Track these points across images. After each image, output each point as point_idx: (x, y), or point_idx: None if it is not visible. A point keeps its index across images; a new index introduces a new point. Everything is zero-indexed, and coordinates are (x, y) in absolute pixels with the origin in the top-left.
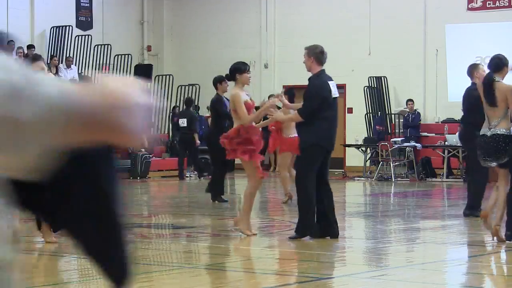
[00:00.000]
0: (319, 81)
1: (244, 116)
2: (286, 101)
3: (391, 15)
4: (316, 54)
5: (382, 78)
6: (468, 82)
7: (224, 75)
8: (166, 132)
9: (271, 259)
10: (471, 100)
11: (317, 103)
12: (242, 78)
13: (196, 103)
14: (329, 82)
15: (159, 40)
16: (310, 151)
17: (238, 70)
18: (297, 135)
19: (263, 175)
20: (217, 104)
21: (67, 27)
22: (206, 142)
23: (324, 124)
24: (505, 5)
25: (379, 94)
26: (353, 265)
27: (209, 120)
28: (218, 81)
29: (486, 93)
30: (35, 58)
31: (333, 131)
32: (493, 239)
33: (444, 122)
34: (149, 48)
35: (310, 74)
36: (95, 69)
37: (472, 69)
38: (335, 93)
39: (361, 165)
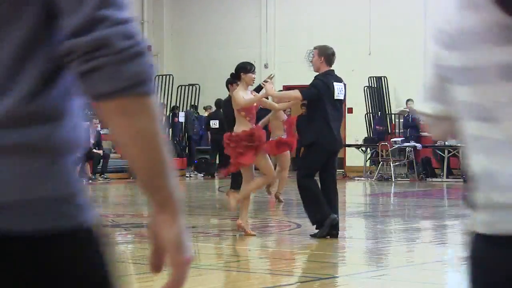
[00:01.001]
0: (326, 80)
1: (239, 100)
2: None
3: (391, 15)
4: (327, 55)
5: (382, 78)
6: None
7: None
8: (166, 132)
9: (270, 259)
10: None
11: (321, 93)
12: (247, 78)
13: (195, 103)
14: (335, 84)
15: (159, 40)
16: (310, 150)
17: (243, 70)
18: (280, 137)
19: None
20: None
21: None
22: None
23: (324, 124)
24: None
25: (379, 94)
26: (353, 265)
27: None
28: (229, 83)
29: None
30: None
31: (335, 133)
32: None
33: None
34: (149, 48)
35: (310, 75)
36: None
37: None
38: (338, 95)
39: (361, 165)
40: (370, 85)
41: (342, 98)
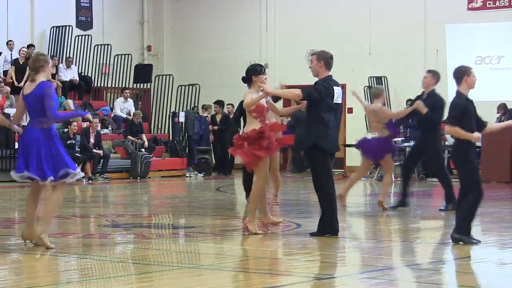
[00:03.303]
0: (327, 85)
1: (246, 101)
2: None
3: (391, 15)
4: (326, 59)
5: (382, 78)
6: None
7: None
8: (166, 132)
9: (271, 259)
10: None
11: (322, 98)
12: (258, 80)
13: (196, 103)
14: (335, 88)
15: (159, 40)
16: (311, 153)
17: (254, 72)
18: None
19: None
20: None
21: (67, 27)
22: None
23: (323, 127)
24: (505, 5)
25: None
26: (353, 265)
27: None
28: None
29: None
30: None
31: (334, 135)
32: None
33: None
34: (149, 48)
35: (310, 74)
36: (95, 69)
37: (463, 74)
38: (337, 98)
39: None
40: (370, 85)
41: (341, 101)
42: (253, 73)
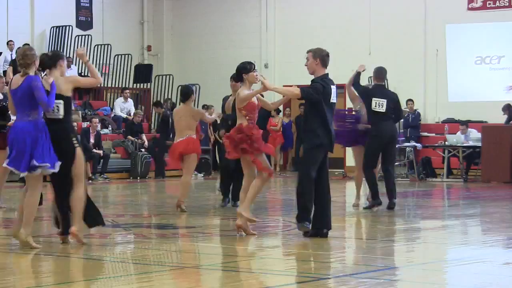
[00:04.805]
0: (325, 84)
1: (242, 96)
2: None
3: (391, 15)
4: (322, 57)
5: None
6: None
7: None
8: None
9: (271, 259)
10: None
11: (319, 97)
12: (249, 78)
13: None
14: (332, 87)
15: (159, 40)
16: (314, 151)
17: (244, 70)
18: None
19: (270, 172)
20: None
21: (67, 27)
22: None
23: (322, 125)
24: (505, 5)
25: None
26: (353, 265)
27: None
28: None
29: None
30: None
31: (331, 133)
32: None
33: (444, 122)
34: (149, 48)
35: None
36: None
37: None
38: (333, 98)
39: None
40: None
41: (335, 101)
42: (244, 71)
